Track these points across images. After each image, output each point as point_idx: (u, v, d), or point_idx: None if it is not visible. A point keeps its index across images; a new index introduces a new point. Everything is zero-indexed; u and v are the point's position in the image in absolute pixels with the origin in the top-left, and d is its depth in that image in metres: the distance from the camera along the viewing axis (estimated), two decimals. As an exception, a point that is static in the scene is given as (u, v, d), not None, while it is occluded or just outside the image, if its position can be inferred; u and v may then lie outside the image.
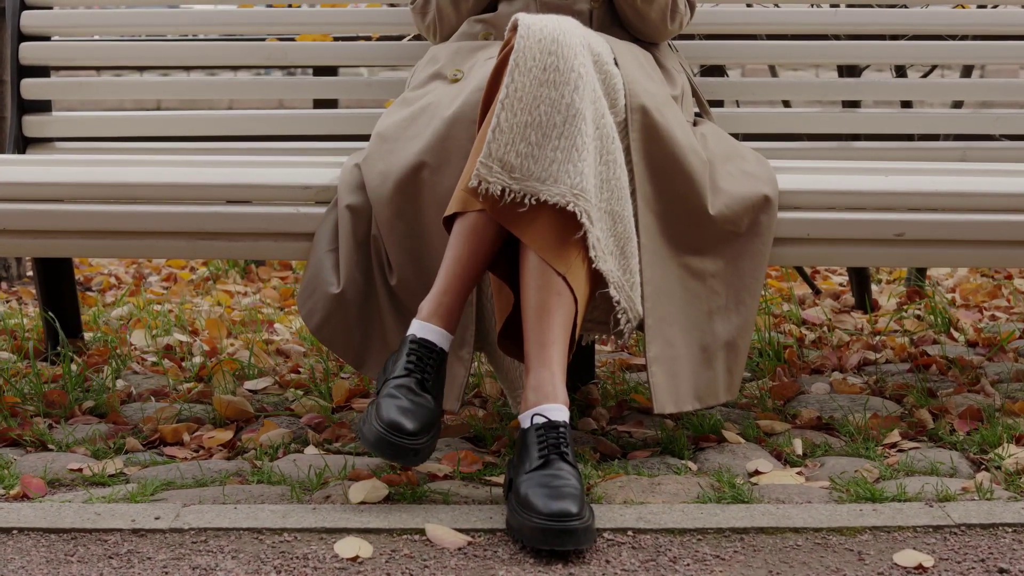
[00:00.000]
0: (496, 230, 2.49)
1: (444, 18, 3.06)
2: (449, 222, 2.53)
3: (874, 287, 4.78)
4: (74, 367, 3.36)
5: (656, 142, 2.66)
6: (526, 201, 2.42)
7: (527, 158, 2.43)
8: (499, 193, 2.42)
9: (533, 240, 2.44)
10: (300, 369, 3.53)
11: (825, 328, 4.03)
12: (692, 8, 3.11)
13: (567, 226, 2.46)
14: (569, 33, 2.52)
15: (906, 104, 4.00)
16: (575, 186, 2.42)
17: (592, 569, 2.17)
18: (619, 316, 2.56)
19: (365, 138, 2.93)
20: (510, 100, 2.44)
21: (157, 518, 2.37)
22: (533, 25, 2.51)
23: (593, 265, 2.47)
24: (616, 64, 2.65)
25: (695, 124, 2.99)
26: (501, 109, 2.44)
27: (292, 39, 3.84)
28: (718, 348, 2.75)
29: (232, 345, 3.85)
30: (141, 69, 7.80)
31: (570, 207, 2.42)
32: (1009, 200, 2.86)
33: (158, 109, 8.32)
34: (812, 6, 3.61)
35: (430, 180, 2.66)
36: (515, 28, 2.55)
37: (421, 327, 2.49)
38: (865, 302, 4.30)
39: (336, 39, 3.97)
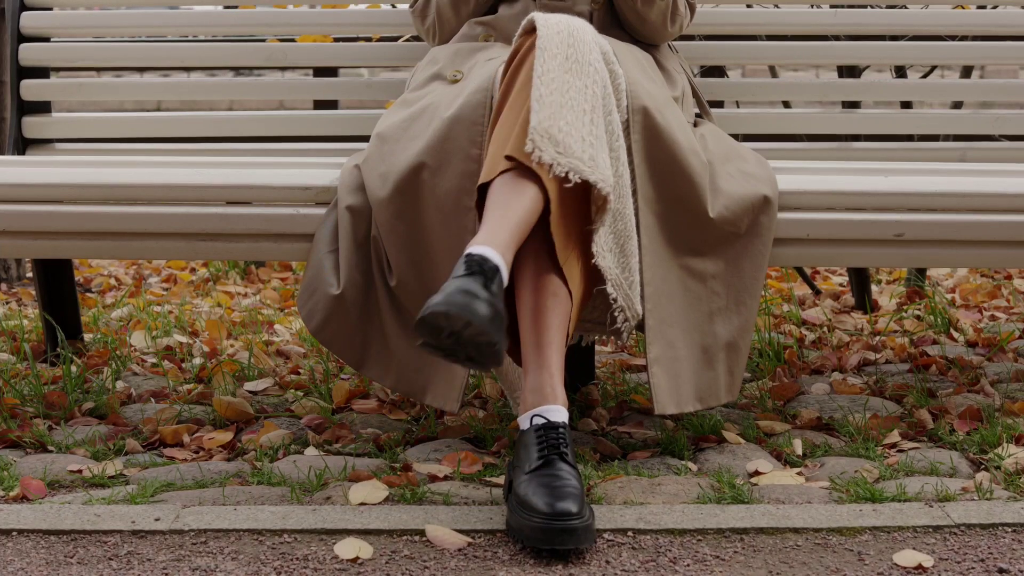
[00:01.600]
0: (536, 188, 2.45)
1: (444, 21, 3.07)
2: (480, 201, 2.49)
3: (874, 287, 4.78)
4: (74, 368, 3.36)
5: (657, 143, 2.66)
6: (571, 178, 2.40)
7: (567, 135, 2.42)
8: (549, 165, 2.40)
9: (554, 219, 2.43)
10: (300, 370, 3.53)
11: (825, 328, 4.03)
12: (692, 10, 3.11)
13: (577, 216, 2.46)
14: (582, 30, 2.55)
15: (906, 105, 4.00)
16: (607, 174, 2.44)
17: (592, 569, 2.17)
18: (616, 314, 2.56)
19: (365, 139, 2.93)
20: (546, 77, 2.45)
21: (157, 519, 2.37)
22: (550, 20, 2.54)
23: (593, 260, 2.47)
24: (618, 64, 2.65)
25: (695, 125, 2.99)
26: (540, 83, 2.44)
27: (292, 40, 3.84)
28: (719, 349, 2.75)
29: (232, 346, 3.85)
30: (141, 70, 7.80)
31: (611, 197, 2.43)
32: (1009, 200, 2.86)
33: (158, 110, 8.32)
34: (812, 7, 3.61)
35: (430, 181, 2.66)
36: (528, 28, 2.57)
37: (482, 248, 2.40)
38: (865, 302, 4.30)
39: (336, 40, 3.97)
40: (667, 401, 2.66)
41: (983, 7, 3.62)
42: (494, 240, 2.36)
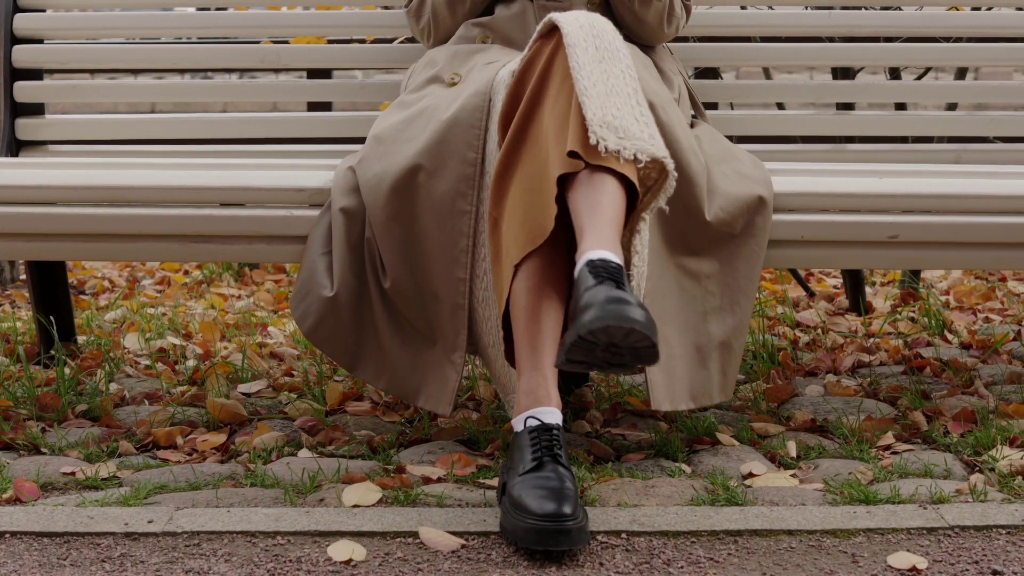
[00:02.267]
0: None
1: (439, 21, 3.06)
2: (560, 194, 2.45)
3: (868, 289, 4.78)
4: (67, 370, 3.36)
5: None
6: (639, 158, 2.36)
7: (623, 119, 2.39)
8: (617, 152, 2.35)
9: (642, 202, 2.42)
10: (294, 372, 3.53)
11: (819, 330, 4.03)
12: (688, 12, 3.11)
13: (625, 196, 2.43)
14: (600, 19, 2.54)
15: (900, 106, 4.00)
16: (664, 148, 2.41)
17: (586, 572, 2.17)
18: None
19: (359, 141, 2.93)
20: (584, 70, 2.42)
21: (150, 521, 2.37)
22: (568, 17, 2.52)
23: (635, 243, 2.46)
24: None
25: (691, 126, 2.99)
26: (580, 76, 2.41)
27: (286, 42, 3.84)
28: (712, 348, 2.75)
29: (226, 348, 3.85)
30: (135, 72, 7.79)
31: (668, 165, 2.39)
32: (1003, 202, 2.86)
33: (152, 112, 8.31)
34: (806, 8, 3.61)
35: (426, 183, 2.66)
36: (546, 30, 2.55)
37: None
38: (859, 304, 4.30)
39: (330, 42, 3.96)
40: (662, 398, 2.66)
41: (977, 9, 3.62)
42: (602, 240, 2.31)
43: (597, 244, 2.30)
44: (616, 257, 2.28)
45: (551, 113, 2.46)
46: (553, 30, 2.54)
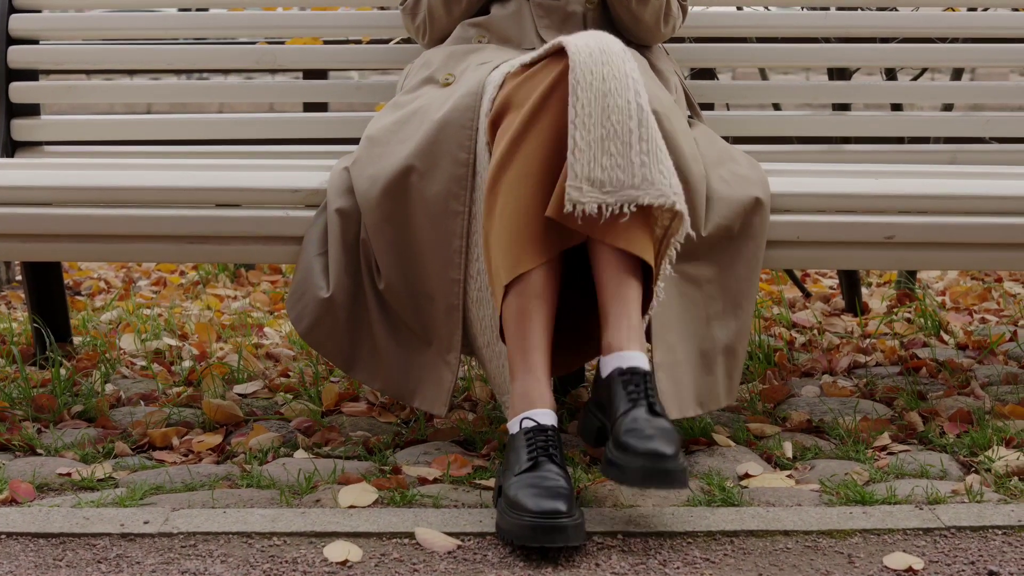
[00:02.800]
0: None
1: (435, 19, 3.06)
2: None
3: (864, 290, 4.78)
4: (63, 371, 3.36)
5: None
6: (625, 210, 2.41)
7: (614, 169, 2.41)
8: (596, 211, 2.40)
9: (629, 241, 2.45)
10: (290, 373, 3.53)
11: (815, 331, 4.03)
12: (684, 11, 3.11)
13: (647, 222, 2.47)
14: (610, 42, 2.53)
15: (896, 107, 4.00)
16: (672, 185, 2.43)
17: (582, 572, 2.17)
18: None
19: (355, 141, 2.93)
20: (581, 119, 2.42)
21: (146, 522, 2.37)
22: (579, 42, 2.50)
23: (664, 263, 2.51)
24: None
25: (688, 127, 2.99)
26: (574, 129, 2.42)
27: (282, 42, 3.84)
28: (717, 353, 2.74)
29: (221, 349, 3.85)
30: (131, 73, 7.78)
31: (677, 206, 2.42)
32: (999, 203, 2.86)
33: (148, 113, 8.31)
34: (802, 9, 3.61)
35: (418, 184, 2.66)
36: (553, 50, 2.55)
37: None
38: (855, 305, 4.30)
39: (326, 42, 3.96)
40: (671, 406, 2.65)
41: (973, 9, 3.62)
42: (629, 341, 2.42)
43: (625, 343, 2.41)
44: (643, 359, 2.39)
45: (535, 150, 2.49)
46: (561, 53, 2.54)
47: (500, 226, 2.48)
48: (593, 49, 2.48)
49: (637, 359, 2.39)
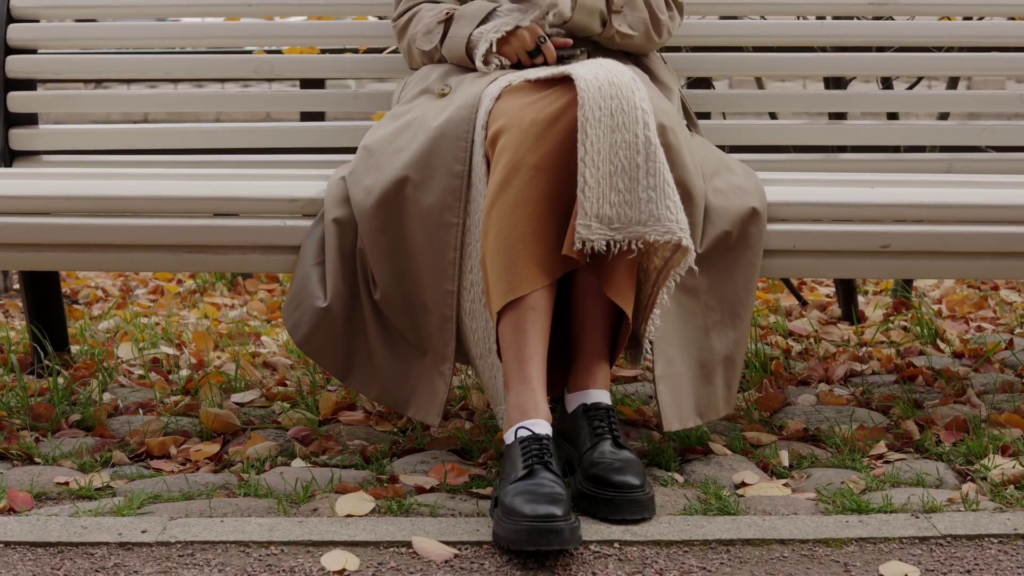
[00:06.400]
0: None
1: (413, 57, 3.07)
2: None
3: (860, 298, 4.78)
4: (61, 380, 3.36)
5: (670, 163, 2.64)
6: (633, 247, 2.46)
7: (622, 206, 2.45)
8: (605, 247, 2.45)
9: (618, 292, 2.54)
10: (287, 382, 3.53)
11: (812, 340, 4.03)
12: (680, 9, 3.09)
13: (631, 268, 2.55)
14: (619, 72, 2.54)
15: (892, 116, 4.00)
16: (679, 221, 2.46)
17: (579, 581, 2.18)
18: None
19: (352, 151, 2.93)
20: (590, 156, 2.44)
21: (144, 531, 2.37)
22: (587, 75, 2.51)
23: (658, 298, 2.58)
24: None
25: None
26: (584, 167, 2.44)
27: (279, 52, 3.84)
28: (716, 363, 2.75)
29: (219, 358, 3.85)
30: (128, 82, 7.79)
31: (683, 242, 2.45)
32: (995, 211, 2.86)
33: (145, 122, 8.31)
34: (799, 18, 3.62)
35: (413, 195, 2.66)
36: (565, 79, 2.56)
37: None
38: (851, 313, 4.31)
39: (323, 52, 3.97)
40: (672, 418, 2.67)
41: (969, 18, 3.63)
42: (595, 381, 2.61)
43: (591, 383, 2.61)
44: (607, 396, 2.60)
45: (534, 177, 2.51)
46: (567, 80, 2.55)
47: (496, 250, 2.49)
48: (603, 83, 2.50)
49: (600, 395, 2.57)
